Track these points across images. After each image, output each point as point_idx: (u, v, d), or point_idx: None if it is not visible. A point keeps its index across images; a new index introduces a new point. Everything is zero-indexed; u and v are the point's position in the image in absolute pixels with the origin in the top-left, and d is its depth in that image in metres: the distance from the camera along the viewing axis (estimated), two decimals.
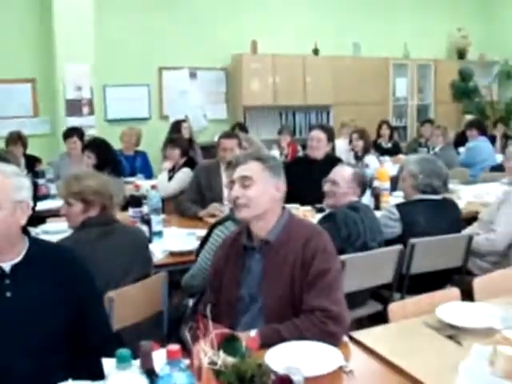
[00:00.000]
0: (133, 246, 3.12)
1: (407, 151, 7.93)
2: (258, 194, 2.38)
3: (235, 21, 9.25)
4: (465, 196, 5.32)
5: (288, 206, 4.17)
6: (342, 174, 3.61)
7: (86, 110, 7.85)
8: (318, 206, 4.29)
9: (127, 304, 2.85)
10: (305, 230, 2.41)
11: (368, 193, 4.60)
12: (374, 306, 3.66)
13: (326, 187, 3.66)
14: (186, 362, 1.75)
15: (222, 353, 1.77)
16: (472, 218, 4.46)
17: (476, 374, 1.98)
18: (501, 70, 11.41)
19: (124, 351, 1.58)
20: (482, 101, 11.16)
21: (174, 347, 1.59)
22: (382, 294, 3.69)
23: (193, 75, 8.93)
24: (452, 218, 3.91)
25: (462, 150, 7.77)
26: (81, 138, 6.44)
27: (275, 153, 7.32)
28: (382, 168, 4.83)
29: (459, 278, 3.78)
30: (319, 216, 3.89)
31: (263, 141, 7.34)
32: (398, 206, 3.83)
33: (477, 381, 1.94)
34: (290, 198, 4.43)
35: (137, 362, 1.73)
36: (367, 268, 3.39)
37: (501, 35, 11.36)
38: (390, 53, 10.55)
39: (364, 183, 3.67)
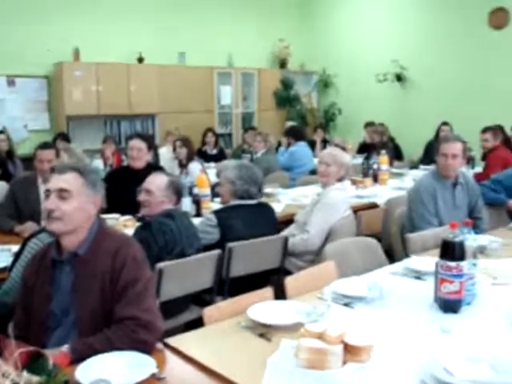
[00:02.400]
0: None
1: (232, 157, 8.12)
2: (74, 210, 2.32)
3: (57, 27, 8.97)
4: (284, 199, 5.55)
5: (108, 216, 4.17)
6: (156, 182, 3.61)
7: None
8: (139, 215, 4.26)
9: None
10: (114, 240, 2.39)
11: (189, 200, 4.67)
12: (197, 311, 3.70)
13: (141, 197, 3.63)
14: None
15: (25, 373, 1.71)
16: (290, 221, 4.64)
17: (282, 367, 2.07)
18: (319, 79, 12.07)
19: None
20: (302, 108, 11.73)
21: None
22: (204, 299, 3.75)
23: (11, 83, 8.51)
24: (268, 221, 4.07)
25: None
26: None
27: (98, 163, 7.18)
28: (202, 175, 4.89)
29: (277, 278, 3.93)
30: None
31: (87, 151, 7.19)
32: (216, 213, 3.91)
33: (282, 373, 2.03)
34: (112, 207, 4.40)
35: None
36: (186, 274, 3.43)
37: (319, 47, 12.03)
38: (215, 62, 10.77)
39: (179, 191, 3.69)
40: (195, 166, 6.03)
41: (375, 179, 6.46)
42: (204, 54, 10.57)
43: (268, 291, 2.83)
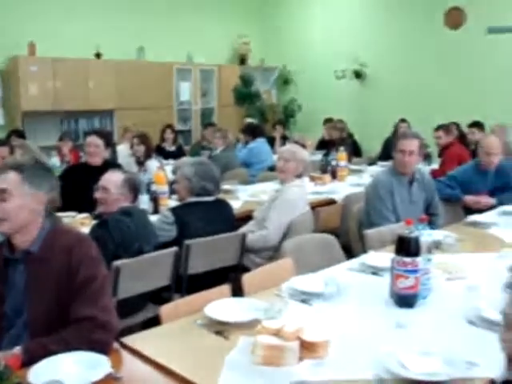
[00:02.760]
0: None
1: (191, 154, 8.08)
2: (17, 209, 2.26)
3: (11, 20, 8.78)
4: (243, 196, 5.55)
5: (64, 214, 4.10)
6: (113, 180, 3.57)
7: None
8: (96, 213, 4.21)
9: None
10: (69, 238, 2.35)
11: (146, 197, 4.63)
12: (154, 309, 3.66)
13: (98, 194, 3.60)
14: None
15: None
16: (249, 217, 4.64)
17: (239, 364, 2.07)
18: (279, 75, 12.10)
19: None
20: (262, 104, 11.73)
21: None
22: (162, 297, 3.72)
23: None
24: (226, 218, 4.06)
25: None
26: None
27: (55, 160, 7.07)
28: (160, 172, 4.85)
29: (235, 275, 3.92)
30: None
31: (43, 147, 7.04)
32: (173, 210, 3.89)
33: (239, 371, 2.04)
34: (69, 205, 4.33)
35: None
36: (143, 272, 3.40)
37: (279, 43, 12.05)
38: (174, 57, 10.69)
39: (136, 188, 3.65)
40: (153, 163, 5.97)
41: (334, 175, 6.49)
42: (163, 50, 10.48)
43: (225, 288, 2.83)
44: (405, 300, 2.61)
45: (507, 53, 9.23)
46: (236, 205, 5.05)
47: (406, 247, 2.55)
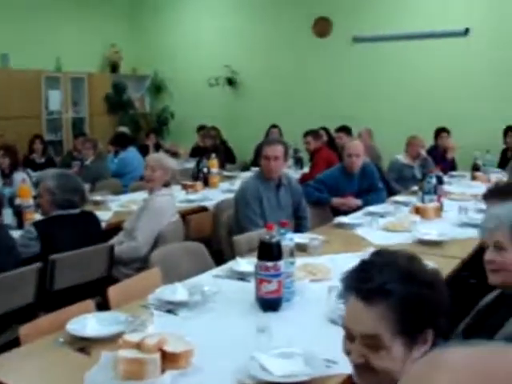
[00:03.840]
0: None
1: (61, 165, 7.81)
2: None
3: None
4: (114, 206, 5.44)
5: None
6: None
7: None
8: None
9: None
10: None
11: (10, 211, 4.44)
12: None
13: None
14: None
15: None
16: (119, 228, 4.55)
17: (99, 381, 2.02)
18: (152, 83, 11.99)
19: None
20: (135, 113, 11.58)
21: None
22: (27, 316, 3.57)
23: None
24: (94, 230, 3.96)
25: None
26: None
27: None
28: (24, 185, 4.67)
29: (104, 288, 3.83)
30: None
31: None
32: (36, 224, 3.74)
33: None
34: None
35: None
36: (3, 291, 3.24)
37: (151, 50, 11.92)
38: (42, 65, 10.30)
39: None
40: (20, 176, 5.73)
41: (206, 183, 6.51)
42: (30, 57, 10.07)
43: (90, 303, 2.76)
44: (269, 304, 2.66)
45: (370, 61, 9.68)
46: (107, 216, 4.96)
47: (268, 252, 2.60)
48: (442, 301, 1.51)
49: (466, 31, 8.96)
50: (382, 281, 1.47)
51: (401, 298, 1.46)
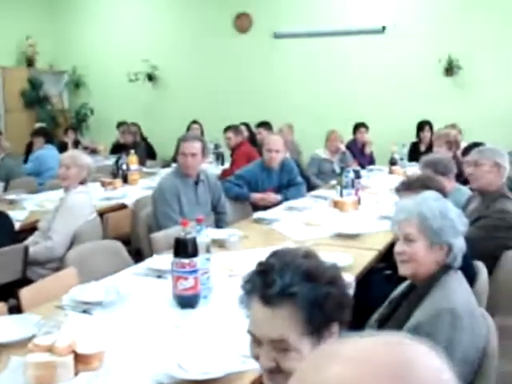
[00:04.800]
0: None
1: None
2: None
3: None
4: (29, 205, 5.27)
5: None
6: None
7: None
8: None
9: None
10: None
11: None
12: None
13: None
14: None
15: None
16: (35, 228, 4.42)
17: None
18: (70, 79, 11.70)
19: None
20: (53, 109, 11.28)
21: None
22: None
23: None
24: (6, 230, 3.84)
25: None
26: None
27: None
28: None
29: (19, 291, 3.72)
30: None
31: None
32: None
33: None
34: None
35: None
36: None
37: (69, 46, 11.63)
38: None
39: None
40: None
41: (125, 180, 6.41)
42: None
43: (1, 306, 2.67)
44: (186, 301, 2.64)
45: (291, 56, 9.78)
46: (22, 215, 4.81)
47: (183, 249, 2.58)
48: (344, 294, 1.52)
49: (383, 29, 9.19)
50: (285, 284, 1.44)
51: (305, 298, 1.44)
